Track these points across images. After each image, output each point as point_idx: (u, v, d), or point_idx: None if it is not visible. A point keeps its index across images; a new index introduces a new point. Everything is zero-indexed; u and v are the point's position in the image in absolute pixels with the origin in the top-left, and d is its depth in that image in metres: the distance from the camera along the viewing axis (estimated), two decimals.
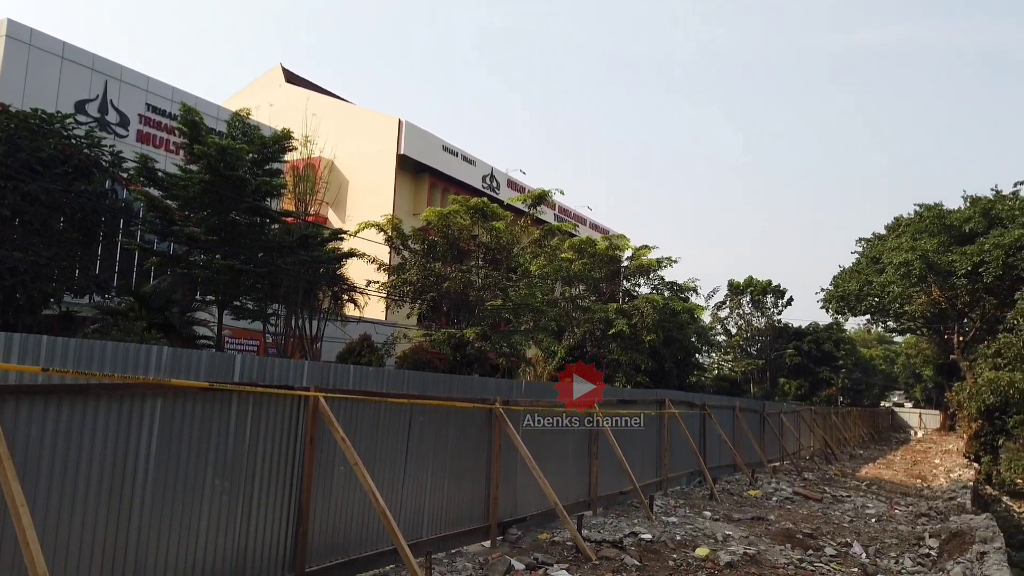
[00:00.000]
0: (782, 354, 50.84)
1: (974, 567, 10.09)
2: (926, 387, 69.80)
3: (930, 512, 16.15)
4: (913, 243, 38.86)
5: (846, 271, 51.37)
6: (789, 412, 25.59)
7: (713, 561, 9.31)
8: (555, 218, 36.87)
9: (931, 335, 50.98)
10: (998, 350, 33.62)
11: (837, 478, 21.39)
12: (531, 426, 10.67)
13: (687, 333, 33.12)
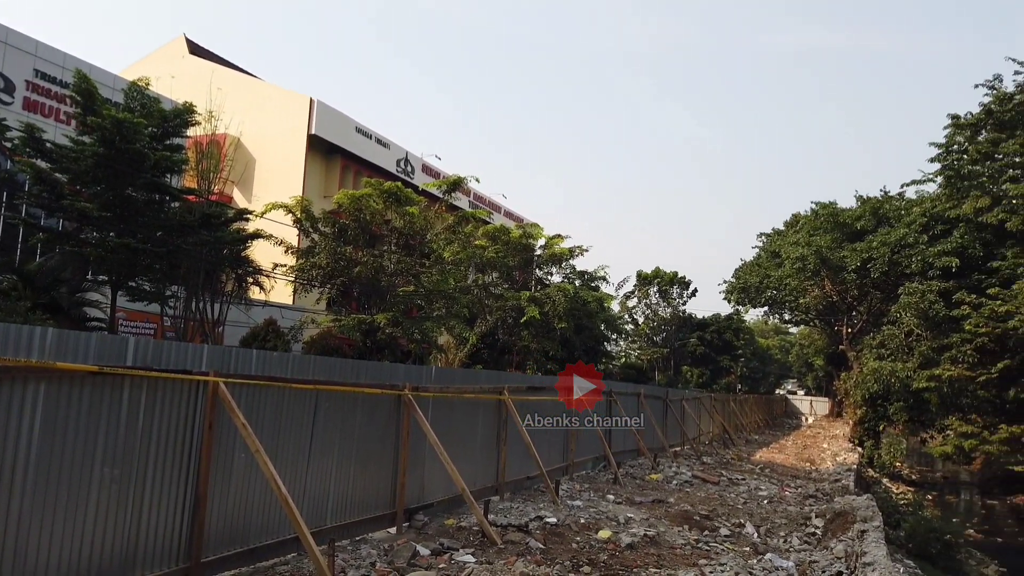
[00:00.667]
0: (686, 343, 52.69)
1: (855, 544, 10.76)
2: (817, 376, 73.81)
3: (817, 494, 17.12)
4: (809, 239, 40.97)
5: (747, 265, 53.71)
6: (691, 399, 26.55)
7: (615, 543, 9.58)
8: (470, 205, 36.84)
9: (823, 327, 53.94)
10: (882, 341, 36.02)
11: (734, 462, 22.37)
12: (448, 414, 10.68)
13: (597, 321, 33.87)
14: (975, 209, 30.76)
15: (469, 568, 7.44)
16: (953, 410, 31.84)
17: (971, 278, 31.70)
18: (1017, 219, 28.86)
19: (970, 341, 29.78)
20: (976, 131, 32.46)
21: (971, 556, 19.94)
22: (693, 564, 9.04)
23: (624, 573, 8.29)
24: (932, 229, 34.23)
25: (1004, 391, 29.22)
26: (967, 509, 31.93)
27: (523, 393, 13.45)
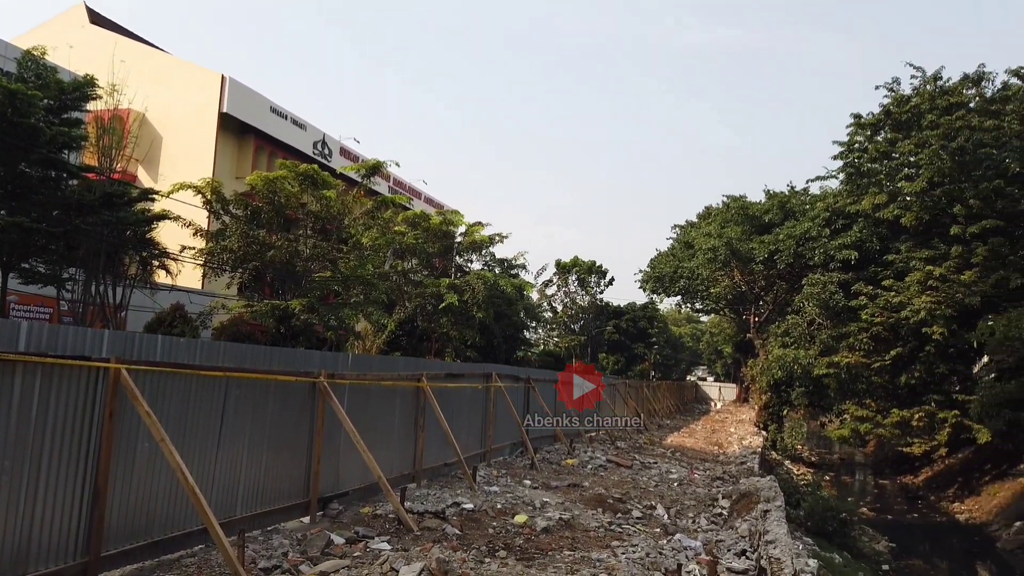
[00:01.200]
0: (603, 331, 53.73)
1: (758, 523, 11.25)
2: (726, 363, 76.72)
3: (724, 476, 17.81)
4: (720, 231, 42.35)
5: (662, 255, 55.12)
6: (606, 386, 27.11)
7: (530, 527, 9.70)
8: (389, 190, 36.33)
9: (732, 315, 55.94)
10: (786, 330, 37.69)
11: (646, 446, 23.01)
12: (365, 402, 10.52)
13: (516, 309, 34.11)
14: (873, 205, 32.46)
15: (384, 555, 7.38)
16: (850, 395, 33.66)
17: (868, 270, 33.48)
18: (911, 215, 30.64)
19: (866, 330, 31.50)
20: (876, 131, 34.23)
21: (864, 533, 21.16)
22: (606, 546, 9.25)
23: (539, 556, 8.41)
24: (834, 223, 35.91)
25: (896, 377, 31.08)
26: (861, 489, 33.89)
27: (442, 380, 13.42)
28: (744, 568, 8.96)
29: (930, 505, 28.17)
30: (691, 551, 9.75)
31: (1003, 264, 28.14)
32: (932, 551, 22.24)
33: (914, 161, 31.45)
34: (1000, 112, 29.66)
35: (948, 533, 24.24)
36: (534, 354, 44.11)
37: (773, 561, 8.26)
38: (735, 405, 55.55)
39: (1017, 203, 27.96)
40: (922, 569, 19.38)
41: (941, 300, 28.69)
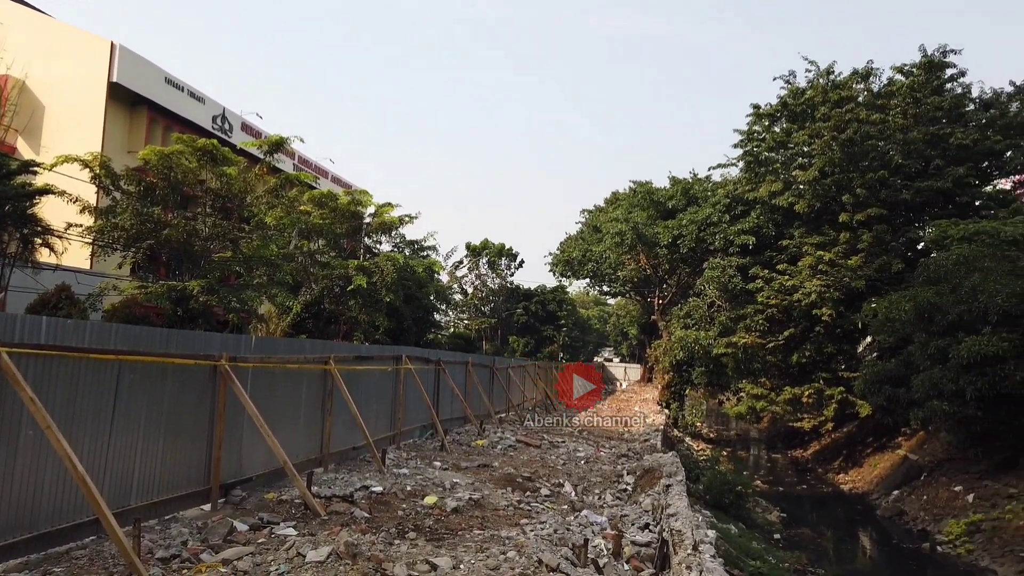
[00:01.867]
0: (512, 313, 54.12)
1: (661, 498, 11.67)
2: (632, 344, 78.82)
3: (629, 453, 18.35)
4: (627, 216, 43.34)
5: (571, 238, 55.95)
6: (516, 367, 27.39)
7: (440, 508, 9.70)
8: (294, 168, 35.20)
9: (637, 298, 57.49)
10: (688, 312, 39.04)
11: (555, 426, 23.41)
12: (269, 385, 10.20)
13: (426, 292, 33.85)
14: (770, 193, 33.98)
15: (291, 541, 7.22)
16: (746, 374, 35.29)
17: (764, 255, 35.08)
18: (804, 203, 32.25)
19: (762, 312, 33.06)
20: (773, 121, 35.78)
21: (758, 504, 22.30)
22: (515, 524, 9.37)
23: (449, 536, 8.43)
24: (733, 210, 37.38)
25: (789, 357, 32.80)
26: (755, 463, 35.68)
27: (350, 363, 13.19)
28: (647, 541, 9.27)
29: (818, 477, 29.97)
30: (597, 526, 10.01)
31: (886, 250, 30.08)
32: (819, 519, 23.69)
33: (808, 151, 33.10)
34: (885, 107, 31.56)
35: (833, 502, 25.87)
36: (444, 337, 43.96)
37: (675, 533, 8.58)
38: (640, 385, 57.20)
39: (899, 193, 29.89)
40: (810, 536, 20.59)
41: (830, 284, 30.43)
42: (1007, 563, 15.61)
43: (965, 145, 29.44)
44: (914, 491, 22.74)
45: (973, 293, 20.44)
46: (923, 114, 30.68)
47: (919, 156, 30.48)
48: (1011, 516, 17.47)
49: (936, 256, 25.08)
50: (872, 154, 30.57)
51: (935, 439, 24.28)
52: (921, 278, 24.24)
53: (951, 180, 29.20)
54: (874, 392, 24.62)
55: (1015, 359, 18.65)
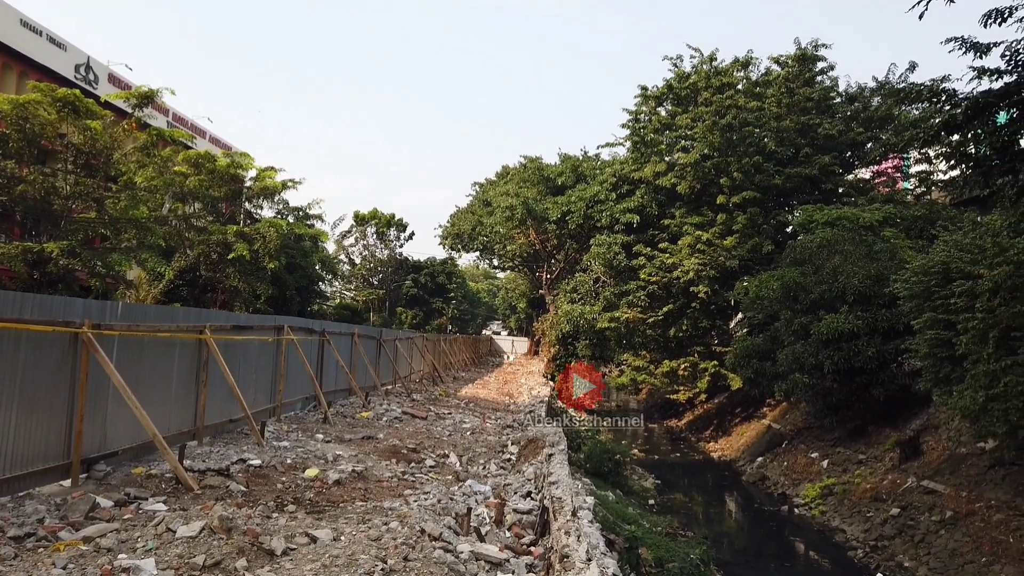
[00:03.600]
0: (401, 285, 53.55)
1: (543, 466, 11.94)
2: (520, 318, 79.81)
3: (514, 424, 18.65)
4: (517, 190, 43.64)
5: (462, 211, 55.80)
6: (403, 339, 27.15)
7: (322, 481, 9.52)
8: (168, 125, 33.10)
9: (526, 272, 58.19)
10: (574, 287, 39.92)
11: (442, 398, 23.43)
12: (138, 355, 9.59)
13: (311, 261, 32.91)
14: (654, 173, 35.09)
15: (159, 516, 6.86)
16: (628, 348, 36.60)
17: (648, 233, 36.26)
18: (685, 184, 33.51)
19: (644, 288, 34.28)
20: (659, 103, 36.86)
21: (635, 472, 23.24)
22: (399, 495, 9.33)
23: (331, 508, 8.28)
24: (620, 188, 38.33)
25: (667, 331, 34.24)
26: (634, 433, 37.15)
27: (227, 333, 12.63)
28: (529, 508, 9.47)
29: (691, 445, 31.60)
30: (481, 495, 10.13)
31: (758, 232, 31.81)
32: (691, 485, 25.02)
33: (690, 134, 34.36)
34: (762, 95, 33.19)
35: (704, 469, 27.39)
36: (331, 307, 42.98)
37: (555, 500, 8.80)
38: (527, 358, 58.15)
39: (771, 178, 31.60)
40: (682, 501, 21.72)
41: (707, 262, 31.90)
42: (855, 522, 17.04)
43: (831, 135, 31.46)
44: (776, 458, 24.40)
45: (833, 274, 21.99)
46: (795, 104, 32.48)
47: (790, 144, 32.29)
48: (859, 480, 19.07)
49: (802, 239, 26.76)
50: (748, 140, 32.11)
51: (796, 410, 26.09)
52: (788, 259, 25.84)
53: (818, 168, 31.16)
54: (743, 366, 26.11)
55: (867, 336, 20.26)
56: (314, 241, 32.87)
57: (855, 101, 33.54)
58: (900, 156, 31.80)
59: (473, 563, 6.93)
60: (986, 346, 14.15)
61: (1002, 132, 11.06)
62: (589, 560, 6.05)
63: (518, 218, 42.00)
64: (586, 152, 47.56)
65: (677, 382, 34.48)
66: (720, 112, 32.20)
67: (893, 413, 21.16)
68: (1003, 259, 14.26)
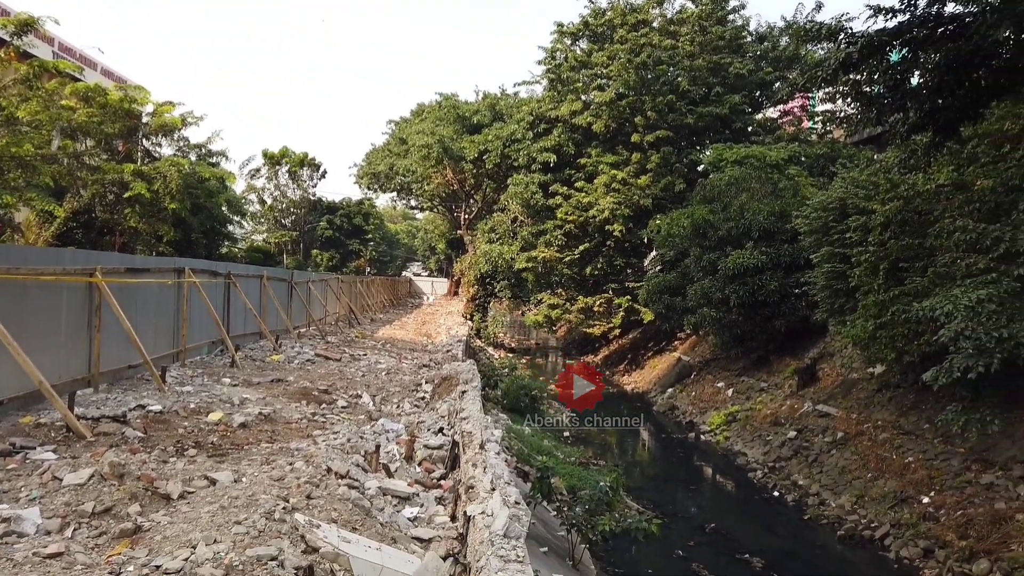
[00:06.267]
0: (315, 226, 52.16)
1: (456, 403, 12.04)
2: (439, 259, 79.39)
3: (431, 363, 18.68)
4: (433, 129, 42.78)
5: (378, 150, 54.43)
6: (317, 281, 26.58)
7: (226, 424, 9.31)
8: (54, 56, 30.63)
9: (445, 213, 57.67)
10: (492, 227, 39.87)
11: (358, 340, 23.21)
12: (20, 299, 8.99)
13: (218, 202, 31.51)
14: (570, 112, 34.97)
15: (47, 465, 6.57)
16: (546, 286, 37.01)
17: (564, 172, 36.30)
18: (601, 123, 33.56)
19: (560, 227, 34.52)
20: (575, 40, 36.50)
21: (551, 406, 23.78)
22: (308, 436, 9.23)
23: (234, 451, 8.12)
24: (537, 127, 38.02)
25: (583, 269, 34.74)
26: (553, 369, 37.94)
27: (122, 276, 12.01)
28: (440, 443, 9.55)
29: (606, 379, 32.54)
30: (393, 433, 10.14)
31: (670, 171, 32.33)
32: (605, 416, 25.83)
33: (606, 72, 34.25)
34: (676, 33, 33.30)
35: (619, 401, 28.29)
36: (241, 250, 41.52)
37: (465, 435, 8.90)
38: (447, 299, 58.13)
39: (684, 117, 32.00)
40: (596, 433, 22.43)
41: (621, 201, 32.31)
42: (755, 446, 18.01)
43: (741, 75, 31.97)
44: (685, 388, 25.43)
45: (740, 211, 22.66)
46: (708, 43, 32.75)
47: (703, 83, 32.66)
48: (760, 407, 20.11)
49: (712, 177, 27.38)
50: (663, 79, 32.30)
51: (704, 342, 27.11)
52: (698, 197, 26.45)
53: (728, 107, 31.71)
54: (655, 301, 26.86)
55: (770, 270, 21.09)
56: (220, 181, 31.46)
57: (764, 41, 34.10)
58: (806, 96, 32.70)
59: (380, 498, 6.96)
60: (876, 278, 14.96)
61: (895, 70, 11.46)
62: (493, 490, 6.15)
63: (434, 157, 41.31)
64: (504, 90, 46.92)
65: (593, 318, 35.22)
66: (635, 50, 32.16)
67: (793, 343, 22.27)
68: (894, 195, 14.99)
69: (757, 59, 33.09)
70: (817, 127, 32.99)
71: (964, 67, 10.68)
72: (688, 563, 11.12)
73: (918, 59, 11.03)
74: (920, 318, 10.32)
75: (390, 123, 55.46)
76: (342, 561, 5.30)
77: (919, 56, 10.96)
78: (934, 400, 13.64)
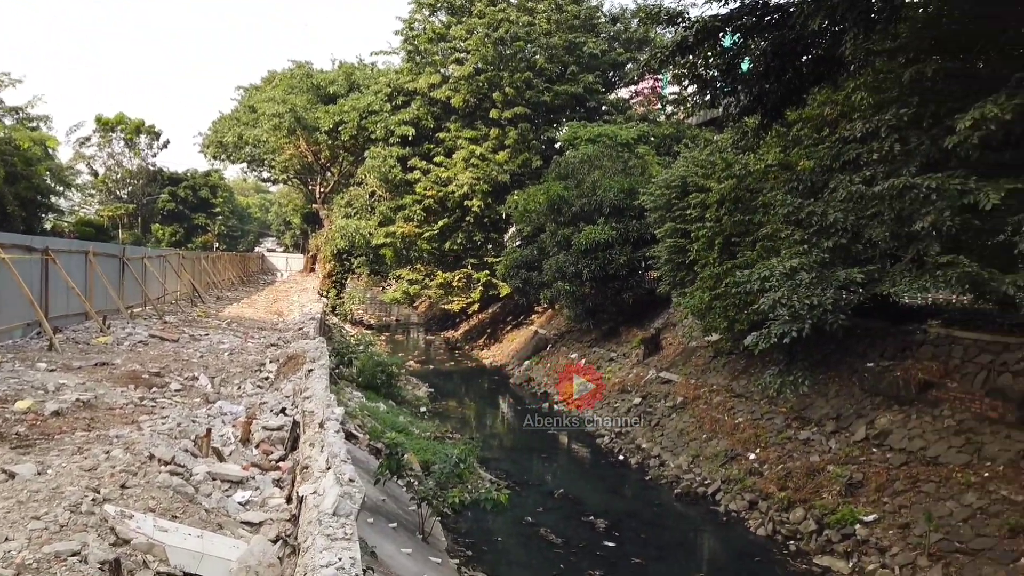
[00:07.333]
0: (156, 199, 48.70)
1: (302, 382, 11.62)
2: (295, 234, 76.41)
3: (279, 342, 17.94)
4: (285, 97, 40.88)
5: (225, 118, 51.37)
6: (155, 257, 24.78)
7: (36, 412, 8.47)
8: None
9: (300, 186, 55.47)
10: (349, 201, 38.83)
11: (201, 319, 21.91)
12: None
13: (38, 170, 28.62)
14: (429, 85, 34.48)
15: None
16: (405, 262, 36.57)
17: (423, 146, 35.82)
18: (459, 97, 33.35)
19: (420, 202, 34.13)
20: (433, 11, 35.94)
21: (409, 382, 23.61)
22: (132, 422, 8.59)
23: (43, 441, 7.41)
24: (395, 99, 37.19)
25: (443, 245, 34.61)
26: (413, 345, 37.74)
27: None
28: (280, 424, 9.19)
29: (466, 354, 32.76)
30: (231, 416, 9.65)
31: (528, 147, 32.75)
32: (465, 391, 26.03)
33: (464, 46, 34.02)
34: (534, 10, 33.58)
35: (478, 375, 28.60)
36: (69, 224, 38.07)
37: (306, 414, 8.60)
38: (302, 275, 56.14)
39: (541, 94, 32.44)
40: (455, 407, 22.56)
41: (481, 176, 32.39)
42: (604, 413, 18.77)
43: (595, 54, 32.79)
44: (541, 360, 26.07)
45: (593, 188, 23.36)
46: (564, 21, 33.29)
47: (559, 61, 33.20)
48: (610, 375, 20.96)
49: (567, 154, 28.00)
50: (520, 55, 32.52)
51: (560, 315, 27.87)
52: (554, 174, 26.99)
53: (583, 86, 32.46)
54: (513, 276, 27.27)
55: (620, 245, 21.94)
56: (43, 148, 28.58)
57: (618, 22, 35.10)
58: (656, 78, 34.04)
59: (208, 483, 6.58)
60: (712, 252, 15.92)
61: (727, 55, 12.08)
62: (328, 468, 5.96)
63: (286, 127, 39.54)
64: (361, 60, 45.54)
65: (452, 293, 35.25)
66: (493, 25, 32.14)
67: (641, 315, 23.35)
68: (728, 174, 15.97)
69: (610, 40, 34.03)
70: (665, 109, 34.50)
71: (788, 55, 11.40)
72: (536, 528, 11.42)
73: (748, 45, 11.67)
74: (748, 289, 11.05)
75: (239, 89, 52.55)
76: (157, 551, 4.96)
77: (748, 42, 11.60)
78: (761, 365, 14.71)
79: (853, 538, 9.93)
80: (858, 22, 9.35)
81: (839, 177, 9.91)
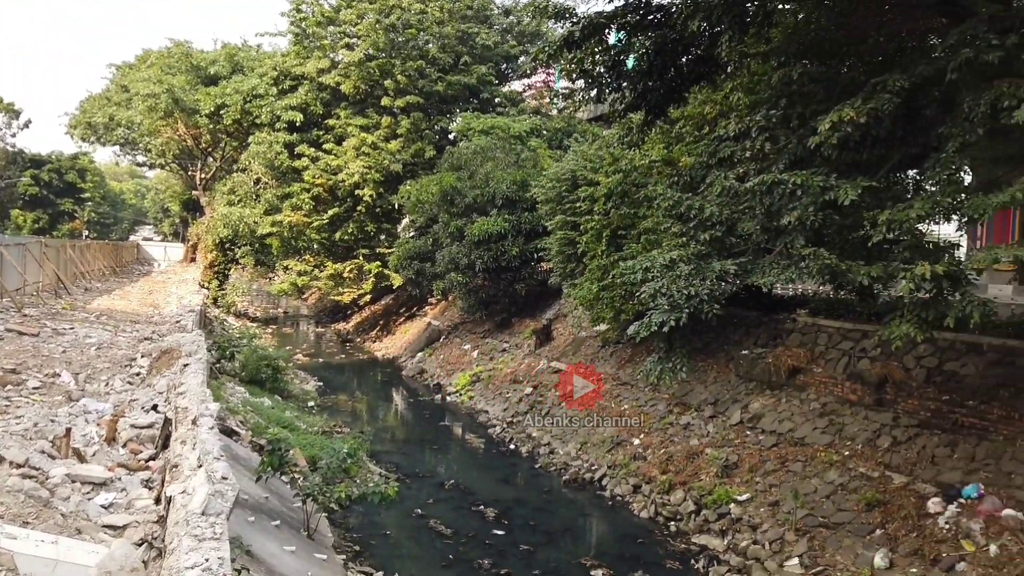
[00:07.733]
0: (16, 183, 44.96)
1: (177, 377, 11.05)
2: (174, 222, 72.53)
3: (153, 336, 17.00)
4: (161, 77, 38.64)
5: (95, 97, 48.07)
6: (12, 245, 22.88)
7: None
8: None
9: (179, 171, 52.65)
10: (232, 188, 37.24)
11: (66, 312, 20.44)
12: None
13: None
14: (317, 70, 33.47)
15: None
16: (292, 252, 35.45)
17: (312, 133, 34.71)
18: (349, 83, 32.55)
19: (308, 190, 33.11)
20: None
21: (297, 376, 22.93)
22: None
23: None
24: (281, 83, 35.81)
25: (333, 235, 33.74)
26: (302, 338, 36.65)
27: None
28: (150, 422, 8.72)
29: (357, 347, 32.15)
30: (96, 414, 9.07)
31: (421, 137, 32.44)
32: (356, 384, 25.54)
33: (355, 31, 33.23)
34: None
35: (370, 367, 28.15)
36: None
37: (180, 411, 8.18)
38: (182, 265, 53.33)
39: (434, 84, 32.17)
40: (345, 401, 22.08)
41: (372, 165, 31.78)
42: (496, 403, 18.90)
43: (488, 46, 32.83)
44: (434, 352, 25.94)
45: (486, 179, 23.41)
46: (457, 11, 33.12)
47: (452, 51, 33.00)
48: (502, 366, 21.12)
49: (460, 145, 27.94)
50: (412, 43, 32.13)
51: (453, 307, 27.82)
52: (447, 164, 26.85)
53: (476, 77, 32.44)
54: (405, 267, 26.99)
55: (513, 237, 22.13)
56: None
57: (510, 15, 35.26)
58: (549, 71, 34.48)
59: (66, 486, 6.15)
60: (600, 244, 16.32)
61: (613, 52, 12.36)
62: (200, 467, 5.69)
63: (162, 109, 37.33)
64: (245, 41, 43.62)
65: (343, 285, 34.51)
66: (384, 11, 31.57)
67: (533, 306, 23.67)
68: (615, 168, 16.40)
69: (503, 32, 34.16)
70: (557, 103, 34.99)
71: (670, 54, 11.79)
72: (426, 520, 11.37)
73: (632, 43, 11.98)
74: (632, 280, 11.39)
75: (111, 67, 49.22)
76: (5, 560, 4.58)
77: (633, 40, 11.91)
78: (645, 354, 15.20)
79: (728, 517, 10.45)
80: (733, 25, 9.78)
81: (715, 173, 10.37)
